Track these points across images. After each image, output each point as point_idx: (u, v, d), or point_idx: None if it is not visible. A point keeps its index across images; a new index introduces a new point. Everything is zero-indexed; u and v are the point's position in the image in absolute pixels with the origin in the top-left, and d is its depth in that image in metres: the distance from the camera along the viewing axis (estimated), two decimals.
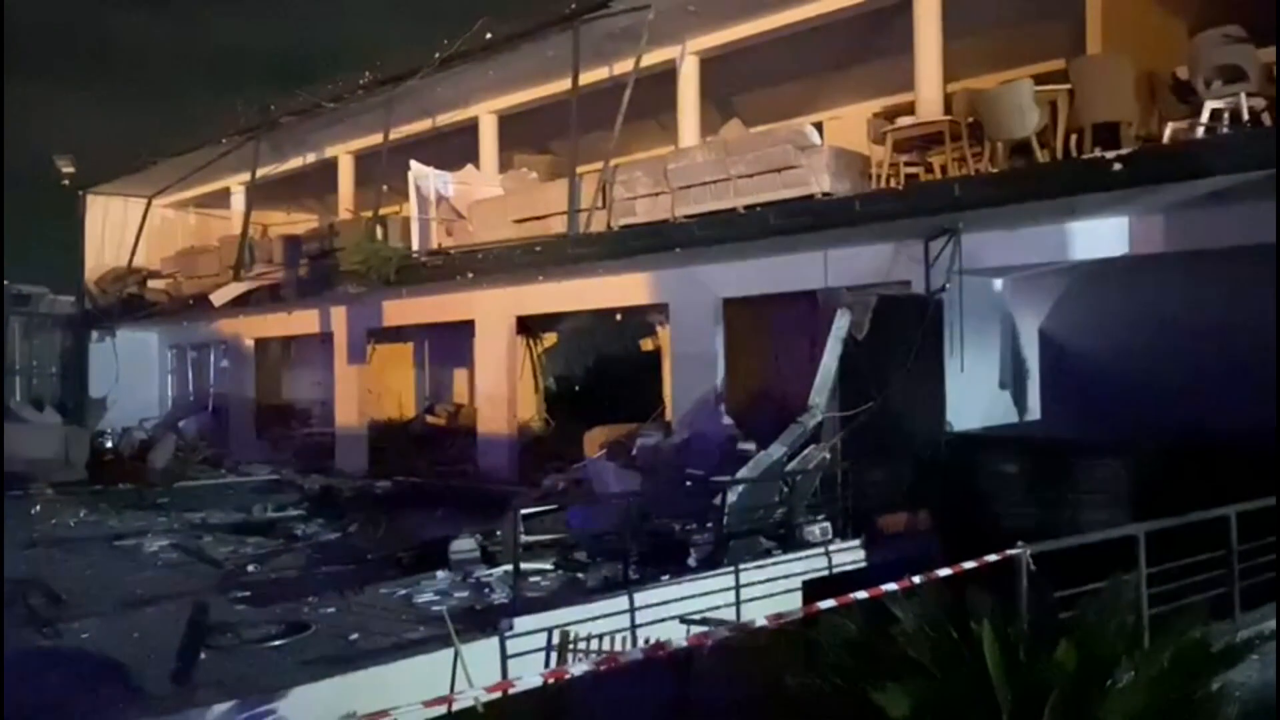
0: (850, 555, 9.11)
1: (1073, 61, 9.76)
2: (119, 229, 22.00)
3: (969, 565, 5.46)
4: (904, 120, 10.83)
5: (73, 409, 21.20)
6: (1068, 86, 9.42)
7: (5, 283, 22.18)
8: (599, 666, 5.27)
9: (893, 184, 10.58)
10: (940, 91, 11.15)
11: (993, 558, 5.40)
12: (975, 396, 10.62)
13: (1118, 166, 8.40)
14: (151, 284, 20.74)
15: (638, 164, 12.63)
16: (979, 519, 9.36)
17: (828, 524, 9.22)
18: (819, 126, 12.83)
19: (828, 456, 9.63)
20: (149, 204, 21.37)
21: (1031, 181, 9.21)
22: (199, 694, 5.82)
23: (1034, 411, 11.60)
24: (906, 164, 10.82)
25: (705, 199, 11.34)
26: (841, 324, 9.87)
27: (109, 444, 19.59)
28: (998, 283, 11.47)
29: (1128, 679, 4.39)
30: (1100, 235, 9.92)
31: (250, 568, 9.95)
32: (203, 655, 6.62)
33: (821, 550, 8.94)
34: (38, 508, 14.28)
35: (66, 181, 22.08)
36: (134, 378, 21.92)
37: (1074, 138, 9.46)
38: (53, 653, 7.05)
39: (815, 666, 4.03)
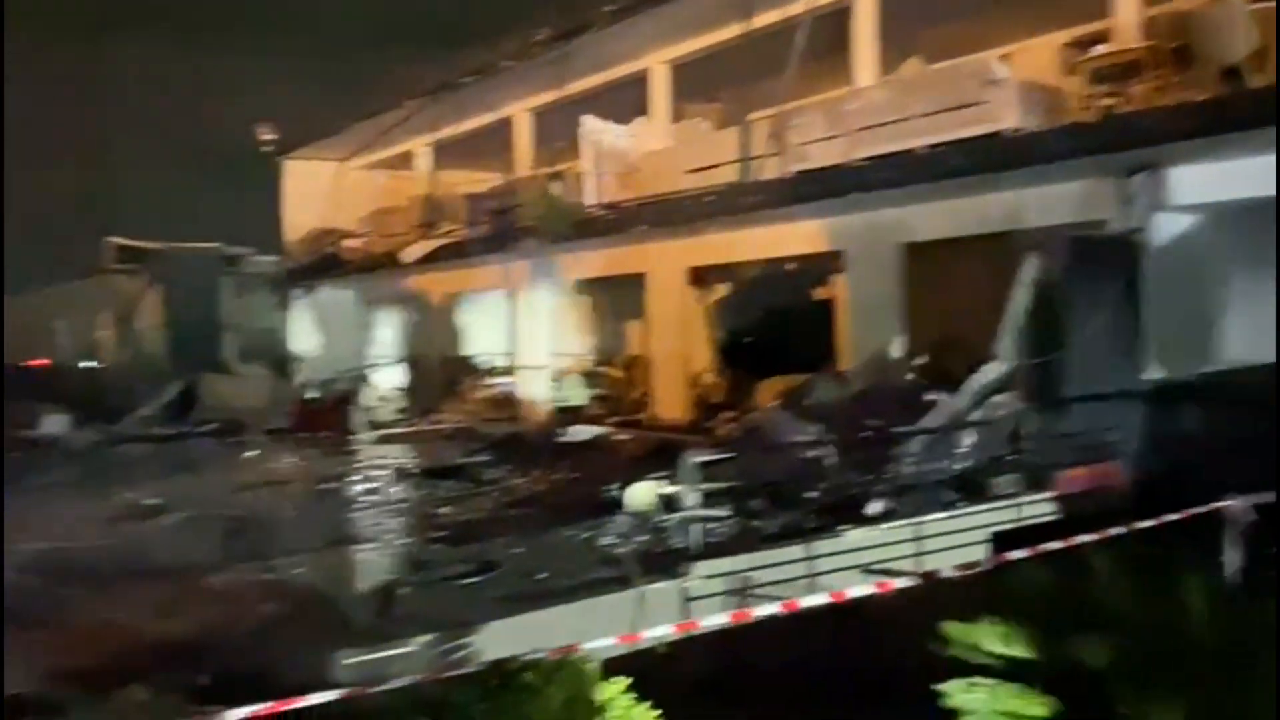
0: (1041, 507, 8.78)
1: None
2: (315, 191, 23.25)
3: (1172, 517, 5.17)
4: (1099, 48, 10.17)
5: (279, 361, 22.70)
6: None
7: (168, 246, 23.77)
8: (780, 611, 5.29)
9: (1087, 117, 9.97)
10: (1139, 15, 10.39)
11: (1199, 510, 5.10)
12: (1178, 341, 9.96)
13: None
14: (346, 243, 21.87)
15: (813, 107, 12.35)
16: (1181, 469, 8.81)
17: (1017, 475, 8.90)
18: (1006, 60, 12.18)
19: (1017, 405, 9.27)
20: (342, 167, 22.49)
21: (1243, 109, 8.49)
22: (400, 627, 6.20)
23: (1243, 357, 10.78)
24: (1103, 95, 10.16)
25: (884, 140, 11.00)
26: (1031, 267, 9.45)
27: (312, 394, 20.92)
28: (1204, 219, 10.66)
29: None
30: None
31: (443, 510, 10.46)
32: (402, 591, 7.04)
33: (1010, 502, 8.64)
34: (251, 453, 15.43)
35: (268, 148, 23.47)
36: (333, 332, 23.27)
37: None
38: (269, 586, 7.64)
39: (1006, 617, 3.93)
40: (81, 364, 25.68)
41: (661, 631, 4.82)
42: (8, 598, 7.60)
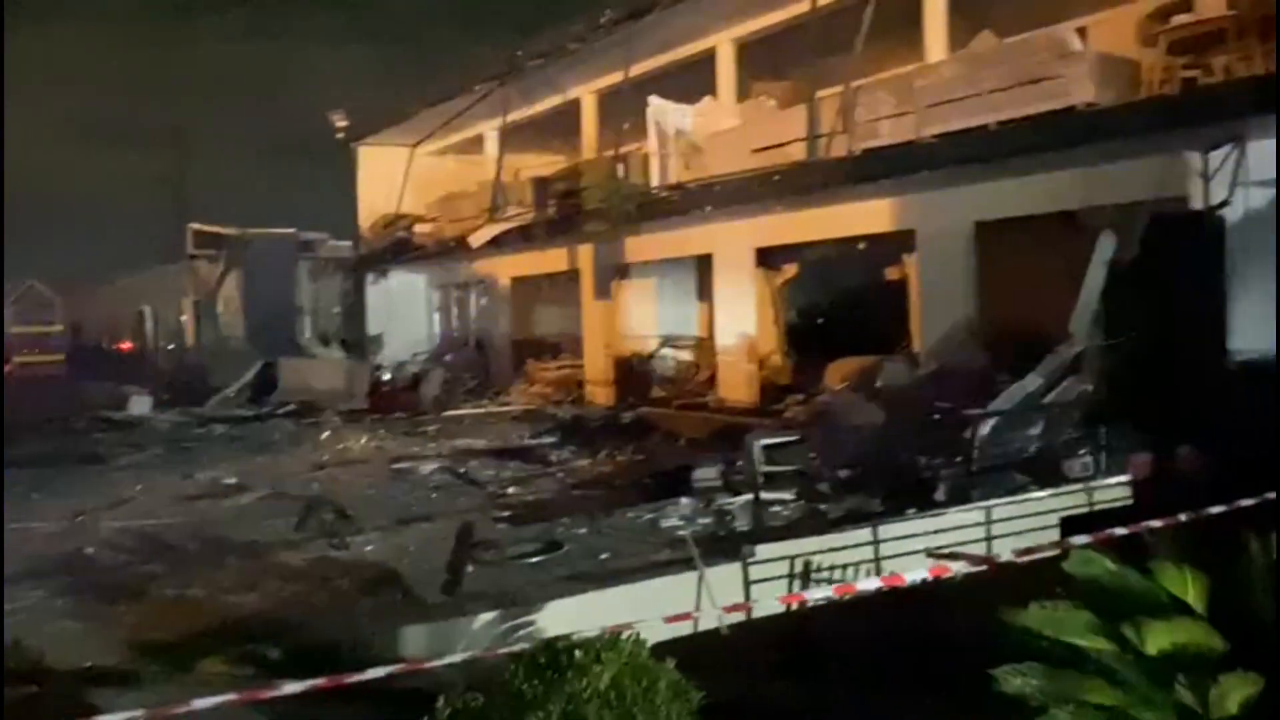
0: (1114, 492, 8.57)
1: None
2: (387, 177, 23.61)
3: (1246, 503, 5.02)
4: (1180, 18, 9.82)
5: (353, 344, 23.18)
6: None
7: (245, 231, 24.33)
8: (839, 595, 5.27)
9: (1166, 90, 9.64)
10: None
11: (1274, 495, 4.94)
12: (1263, 322, 9.61)
13: None
14: (417, 228, 22.18)
15: (881, 83, 12.15)
16: (1262, 452, 8.53)
17: (1089, 459, 8.70)
18: (1082, 33, 11.84)
19: (1090, 388, 9.06)
20: (412, 152, 22.77)
21: None
22: (466, 604, 6.31)
23: None
24: (1183, 67, 9.82)
25: (955, 116, 10.77)
26: (1106, 246, 9.20)
27: (385, 376, 21.32)
28: None
29: None
30: None
31: (510, 490, 10.60)
32: (469, 569, 7.17)
33: (1082, 486, 8.46)
34: (327, 433, 15.80)
35: (341, 135, 23.88)
36: (405, 315, 23.67)
37: None
38: (341, 562, 7.84)
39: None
40: (165, 347, 26.55)
41: (720, 611, 4.84)
42: (95, 571, 7.94)
